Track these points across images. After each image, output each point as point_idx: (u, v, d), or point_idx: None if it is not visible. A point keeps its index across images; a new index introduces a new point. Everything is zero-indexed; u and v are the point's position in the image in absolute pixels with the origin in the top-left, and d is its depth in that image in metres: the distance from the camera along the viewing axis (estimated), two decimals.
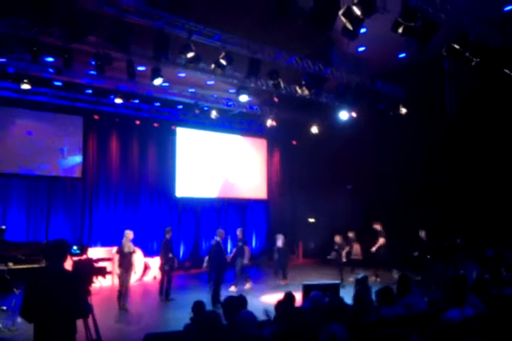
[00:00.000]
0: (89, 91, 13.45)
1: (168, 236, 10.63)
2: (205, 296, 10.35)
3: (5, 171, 12.78)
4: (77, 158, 14.09)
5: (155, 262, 12.70)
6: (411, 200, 13.45)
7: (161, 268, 10.62)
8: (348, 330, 3.10)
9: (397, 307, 4.76)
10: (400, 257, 12.37)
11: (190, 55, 9.41)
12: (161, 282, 10.57)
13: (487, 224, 11.41)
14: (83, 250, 5.51)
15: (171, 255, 10.51)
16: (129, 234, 9.94)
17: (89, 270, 5.11)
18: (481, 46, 8.54)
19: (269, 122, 15.25)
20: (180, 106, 15.41)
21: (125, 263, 9.55)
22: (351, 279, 11.05)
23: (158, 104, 15.01)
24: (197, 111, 14.97)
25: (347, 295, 6.26)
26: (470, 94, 11.89)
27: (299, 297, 5.71)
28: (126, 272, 9.58)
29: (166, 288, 10.41)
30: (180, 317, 7.74)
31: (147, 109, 14.88)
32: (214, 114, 14.80)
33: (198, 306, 5.20)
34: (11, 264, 8.41)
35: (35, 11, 7.88)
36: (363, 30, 8.71)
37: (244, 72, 10.67)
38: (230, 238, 15.82)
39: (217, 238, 10.56)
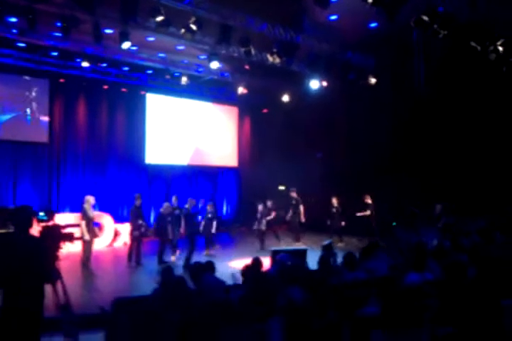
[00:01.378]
0: (55, 53, 13.02)
1: (137, 202, 10.67)
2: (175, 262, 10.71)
3: None
4: (44, 123, 13.79)
5: (125, 228, 12.76)
6: (380, 168, 13.77)
7: (131, 234, 10.72)
8: (308, 293, 3.27)
9: (359, 271, 5.01)
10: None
11: (159, 18, 9.22)
12: (130, 248, 10.67)
13: (454, 192, 11.82)
14: (50, 216, 5.49)
15: (140, 221, 10.60)
16: (90, 199, 9.97)
17: (56, 235, 5.13)
18: (450, 19, 8.62)
19: (240, 90, 15.17)
20: (149, 71, 15.10)
21: (90, 229, 9.68)
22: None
23: (126, 68, 14.66)
24: (167, 77, 14.76)
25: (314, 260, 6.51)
26: (437, 65, 12.06)
27: (267, 262, 5.90)
28: (92, 237, 9.75)
29: (136, 254, 10.53)
30: (149, 281, 7.93)
31: (115, 74, 14.54)
32: (184, 80, 14.58)
33: (166, 271, 5.32)
34: None
35: None
36: None
37: (215, 38, 10.51)
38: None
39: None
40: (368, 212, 12.94)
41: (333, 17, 11.26)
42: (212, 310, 3.68)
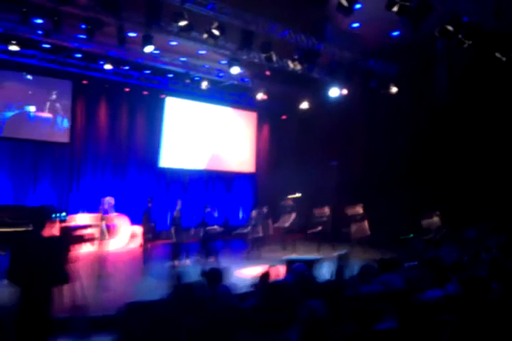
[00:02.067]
0: (79, 55, 13.20)
1: (150, 205, 10.77)
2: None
3: None
4: (65, 123, 13.97)
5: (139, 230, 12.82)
6: (398, 178, 13.61)
7: (144, 236, 10.79)
8: (326, 305, 3.22)
9: (375, 284, 4.92)
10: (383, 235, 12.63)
11: (182, 23, 9.27)
12: (144, 250, 10.75)
13: (472, 204, 11.62)
14: (68, 216, 5.56)
15: (152, 224, 10.70)
16: (110, 200, 10.07)
17: (73, 237, 5.18)
18: (475, 29, 8.51)
19: (260, 95, 15.17)
20: (170, 75, 15.20)
21: (106, 230, 9.75)
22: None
23: (148, 71, 14.78)
24: (187, 81, 14.83)
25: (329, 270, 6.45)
26: (460, 75, 11.92)
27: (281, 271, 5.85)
28: (107, 238, 9.80)
29: (146, 256, 10.64)
30: (162, 285, 7.93)
31: (137, 76, 14.66)
32: (205, 84, 14.66)
33: (178, 276, 5.28)
34: None
35: None
36: (357, 6, 8.60)
37: (237, 44, 10.54)
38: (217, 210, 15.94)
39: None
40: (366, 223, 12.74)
41: (356, 24, 11.23)
42: (227, 316, 3.65)
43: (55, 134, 13.75)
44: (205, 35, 9.87)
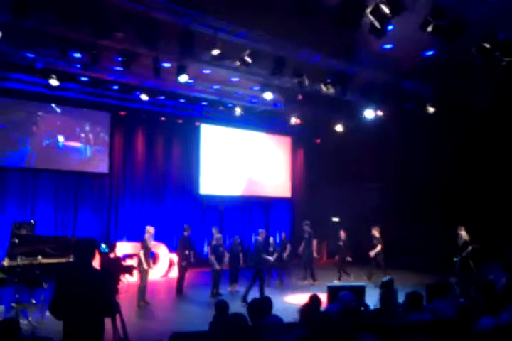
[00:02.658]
0: (116, 87, 13.55)
1: (186, 233, 10.80)
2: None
3: (35, 166, 13.06)
4: (104, 154, 14.29)
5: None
6: (435, 201, 13.26)
7: (179, 265, 10.81)
8: (377, 336, 3.07)
9: (424, 312, 4.70)
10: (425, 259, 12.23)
11: (215, 52, 9.41)
12: (179, 278, 10.79)
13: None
14: (111, 248, 5.59)
15: (187, 252, 10.67)
16: (151, 229, 10.10)
17: (117, 268, 5.18)
18: None
19: (294, 120, 15.20)
20: (204, 103, 15.40)
21: (148, 259, 9.73)
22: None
23: (183, 100, 15.02)
24: (221, 108, 15.01)
25: (372, 297, 6.23)
26: (500, 94, 11.63)
27: (323, 298, 5.69)
28: (149, 267, 9.78)
29: (181, 284, 10.70)
30: (203, 314, 7.88)
31: (172, 106, 14.94)
32: (238, 111, 14.81)
33: (221, 305, 5.19)
34: (39, 258, 8.55)
35: (64, 6, 7.97)
36: (390, 28, 8.55)
37: (269, 69, 10.62)
38: (254, 235, 15.85)
39: (259, 237, 10.80)
40: (379, 248, 12.28)
41: (388, 46, 11.15)
42: None
43: (95, 164, 14.07)
44: (238, 63, 9.99)
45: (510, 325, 3.92)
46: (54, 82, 11.48)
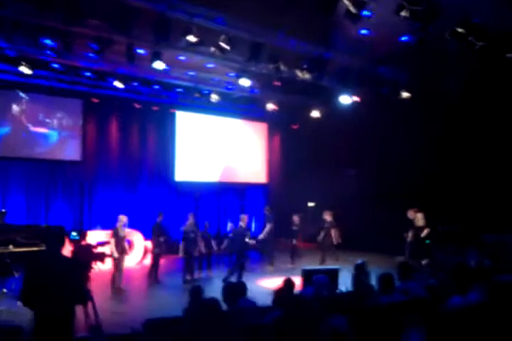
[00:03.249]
0: (88, 74, 13.26)
1: (159, 219, 10.74)
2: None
3: (4, 155, 12.76)
4: (77, 142, 14.05)
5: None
6: (412, 185, 13.42)
7: (152, 252, 10.81)
8: (348, 319, 3.10)
9: (396, 293, 4.77)
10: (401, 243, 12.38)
11: (191, 38, 9.26)
12: (151, 265, 10.78)
13: (486, 210, 11.42)
14: (83, 235, 5.51)
15: (162, 238, 10.62)
16: (123, 218, 10.03)
17: (88, 256, 5.12)
18: (486, 30, 8.39)
19: (270, 106, 15.15)
20: (180, 90, 15.20)
21: (120, 247, 9.68)
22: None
23: (157, 87, 14.81)
24: (197, 95, 14.84)
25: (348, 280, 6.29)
26: (473, 78, 11.76)
27: (297, 282, 5.72)
28: (120, 255, 9.72)
29: (155, 271, 10.65)
30: (177, 300, 7.89)
31: (147, 93, 14.72)
32: (214, 97, 14.66)
33: (195, 291, 5.16)
34: (11, 247, 8.42)
35: None
36: (366, 13, 8.54)
37: (245, 56, 10.54)
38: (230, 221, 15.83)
39: (241, 222, 10.83)
40: (333, 231, 12.57)
41: (364, 31, 11.15)
42: (248, 333, 3.53)
43: (67, 152, 13.83)
44: (213, 49, 9.87)
45: (477, 304, 4.01)
46: (26, 70, 11.21)
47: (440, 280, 5.25)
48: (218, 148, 17.19)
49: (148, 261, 13.22)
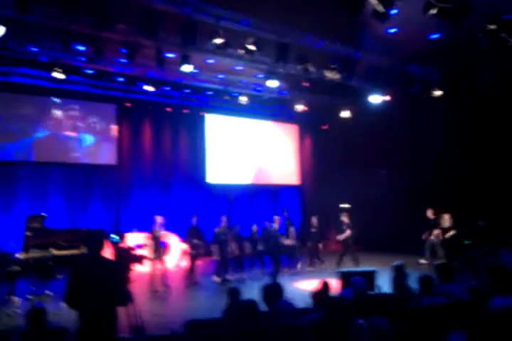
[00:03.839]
0: (121, 79, 13.57)
1: (194, 222, 10.87)
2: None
3: (43, 160, 13.16)
4: (112, 146, 14.36)
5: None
6: (447, 183, 13.21)
7: (189, 254, 10.87)
8: (389, 320, 3.10)
9: (437, 295, 4.72)
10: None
11: (218, 41, 9.37)
12: (190, 267, 10.82)
13: None
14: (121, 238, 5.65)
15: (196, 241, 10.72)
16: (159, 219, 10.16)
17: (128, 258, 5.25)
18: None
19: (300, 107, 15.15)
20: (209, 92, 15.38)
21: (158, 248, 9.86)
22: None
23: (187, 90, 15.03)
24: (226, 97, 14.97)
25: (383, 281, 6.27)
26: (506, 75, 11.51)
27: (333, 283, 5.73)
28: (160, 257, 9.87)
29: (192, 273, 10.70)
30: (212, 302, 7.96)
31: (177, 96, 14.97)
32: (243, 99, 14.76)
33: (233, 293, 5.23)
34: (53, 251, 8.68)
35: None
36: (394, 12, 8.46)
37: (273, 57, 10.56)
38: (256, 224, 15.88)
39: (274, 224, 10.81)
40: (348, 232, 12.22)
41: (393, 30, 11.06)
42: (286, 334, 3.58)
43: (103, 157, 14.15)
44: (242, 51, 9.95)
45: None
46: (59, 75, 11.49)
47: (482, 281, 5.17)
48: (249, 150, 17.27)
49: (184, 263, 13.44)
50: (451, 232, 11.95)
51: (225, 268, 10.99)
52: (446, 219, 12.15)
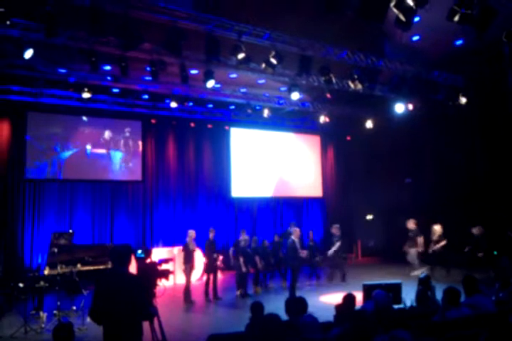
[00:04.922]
0: (146, 96, 13.85)
1: (211, 236, 10.83)
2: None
3: (72, 177, 13.40)
4: (138, 162, 14.57)
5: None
6: (474, 192, 12.88)
7: (206, 268, 10.80)
8: (413, 334, 3.01)
9: (463, 307, 4.58)
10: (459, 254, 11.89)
11: (240, 55, 9.44)
12: (207, 282, 10.70)
13: None
14: (147, 253, 5.69)
15: (215, 255, 10.71)
16: (192, 233, 10.31)
17: (153, 273, 5.27)
18: None
19: (322, 118, 15.12)
20: (232, 107, 15.54)
21: (189, 261, 9.90)
22: None
23: (211, 105, 15.22)
24: (249, 111, 15.05)
25: (409, 294, 6.10)
26: None
27: (359, 297, 5.62)
28: (190, 269, 9.93)
29: (212, 288, 10.62)
30: (232, 316, 7.89)
31: (201, 111, 15.17)
32: (266, 112, 14.83)
33: (256, 307, 5.16)
34: (79, 266, 8.80)
35: (91, 22, 8.18)
36: (416, 19, 8.39)
37: (295, 70, 10.59)
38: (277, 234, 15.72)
39: (293, 237, 10.70)
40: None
41: (415, 37, 10.96)
42: None
43: (128, 173, 14.36)
44: (264, 65, 10.01)
45: None
46: (86, 95, 11.80)
47: (509, 292, 5.00)
48: (272, 163, 17.23)
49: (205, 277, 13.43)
50: (442, 243, 11.79)
51: (245, 282, 10.91)
52: (436, 230, 12.02)
